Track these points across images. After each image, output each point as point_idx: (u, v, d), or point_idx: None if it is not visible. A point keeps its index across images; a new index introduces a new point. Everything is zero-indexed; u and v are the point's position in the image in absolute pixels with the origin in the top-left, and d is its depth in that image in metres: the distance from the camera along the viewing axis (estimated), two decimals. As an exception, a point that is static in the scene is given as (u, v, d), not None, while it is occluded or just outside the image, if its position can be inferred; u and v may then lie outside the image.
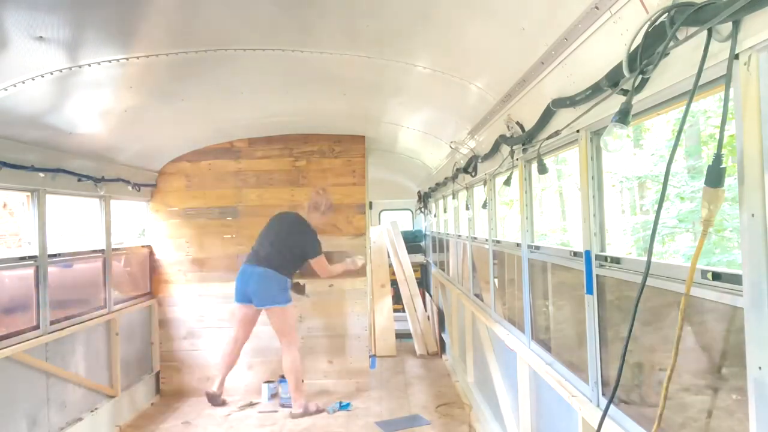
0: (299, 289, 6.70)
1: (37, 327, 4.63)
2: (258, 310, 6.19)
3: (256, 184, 7.00)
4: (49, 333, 4.71)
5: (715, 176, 1.64)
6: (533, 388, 4.04)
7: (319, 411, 6.15)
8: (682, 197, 15.67)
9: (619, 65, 2.11)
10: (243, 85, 4.55)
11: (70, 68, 3.42)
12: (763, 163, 1.52)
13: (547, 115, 3.18)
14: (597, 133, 2.77)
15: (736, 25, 1.56)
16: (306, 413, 6.05)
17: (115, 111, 4.58)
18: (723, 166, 1.63)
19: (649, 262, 1.97)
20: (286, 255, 6.19)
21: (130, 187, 6.13)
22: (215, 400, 6.37)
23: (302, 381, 6.27)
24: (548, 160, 3.60)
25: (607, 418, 2.37)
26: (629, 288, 2.50)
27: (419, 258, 11.32)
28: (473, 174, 5.63)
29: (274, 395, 6.58)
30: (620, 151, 2.09)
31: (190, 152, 6.92)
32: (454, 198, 7.39)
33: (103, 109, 4.46)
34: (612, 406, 2.39)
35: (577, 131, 2.89)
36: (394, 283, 9.57)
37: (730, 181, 1.72)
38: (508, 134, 3.99)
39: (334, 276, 6.60)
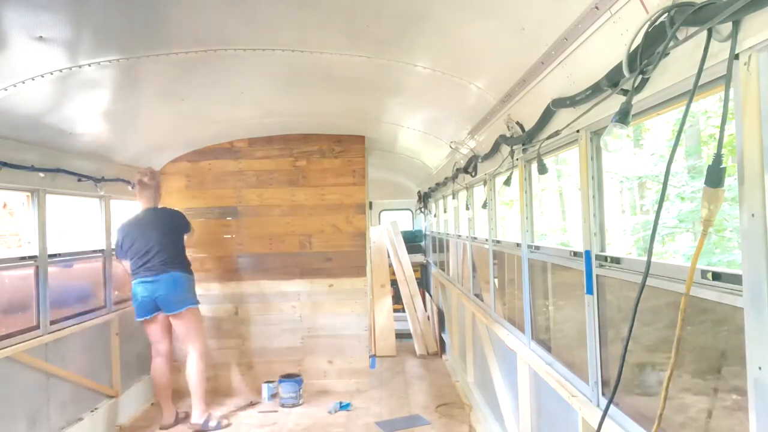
0: None
1: (37, 327, 4.63)
2: (167, 317, 5.77)
3: (256, 184, 7.00)
4: (49, 333, 4.71)
5: (715, 176, 1.64)
6: (533, 388, 4.04)
7: (220, 427, 5.75)
8: (682, 197, 15.67)
9: (619, 65, 2.11)
10: (243, 85, 4.55)
11: (70, 68, 3.42)
12: (763, 163, 1.52)
13: (547, 115, 3.18)
14: (597, 133, 2.77)
15: (736, 25, 1.56)
16: (206, 427, 5.69)
17: (115, 111, 4.59)
18: (723, 166, 1.63)
19: (649, 262, 1.97)
20: (177, 247, 5.82)
21: (130, 187, 6.13)
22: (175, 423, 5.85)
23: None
24: (548, 160, 3.60)
25: (607, 418, 2.37)
26: (629, 288, 2.50)
27: (419, 258, 11.32)
28: (473, 174, 5.63)
29: (274, 395, 6.58)
30: (620, 151, 2.09)
31: (190, 152, 6.91)
32: (454, 198, 7.38)
33: (103, 109, 4.46)
34: (612, 406, 2.39)
35: (577, 131, 2.89)
36: (394, 283, 9.57)
37: (730, 181, 1.71)
38: (508, 134, 3.99)
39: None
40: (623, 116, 2.00)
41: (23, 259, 4.57)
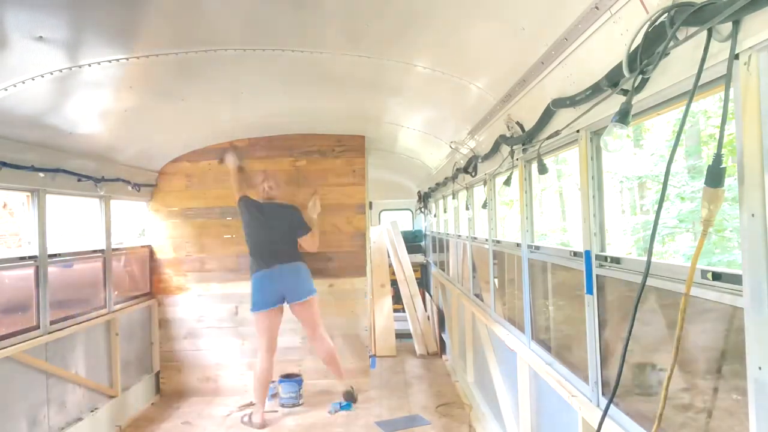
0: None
1: (37, 327, 4.63)
2: (280, 311, 6.15)
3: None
4: (49, 333, 4.71)
5: (715, 176, 1.64)
6: (533, 388, 4.04)
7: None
8: (682, 197, 15.68)
9: (619, 65, 2.11)
10: (243, 85, 4.55)
11: (70, 68, 3.42)
12: (763, 163, 1.52)
13: (547, 115, 3.18)
14: (597, 133, 2.78)
15: (736, 25, 1.56)
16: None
17: (115, 111, 4.59)
18: (723, 166, 1.63)
19: (649, 262, 1.97)
20: (292, 241, 6.25)
21: (130, 187, 6.13)
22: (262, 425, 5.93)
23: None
24: (548, 160, 3.60)
25: (607, 418, 2.37)
26: (629, 288, 2.50)
27: (419, 258, 11.32)
28: (473, 174, 5.63)
29: (274, 395, 6.57)
30: (620, 151, 2.09)
31: (190, 152, 6.91)
32: (454, 198, 7.39)
33: (103, 109, 4.46)
34: (612, 406, 2.39)
35: (577, 131, 2.90)
36: (394, 283, 9.56)
37: (730, 181, 1.72)
38: (508, 134, 3.99)
39: (317, 243, 6.48)
40: (623, 116, 2.00)
41: (23, 259, 4.57)
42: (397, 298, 9.60)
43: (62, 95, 3.89)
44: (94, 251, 5.77)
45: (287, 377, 6.55)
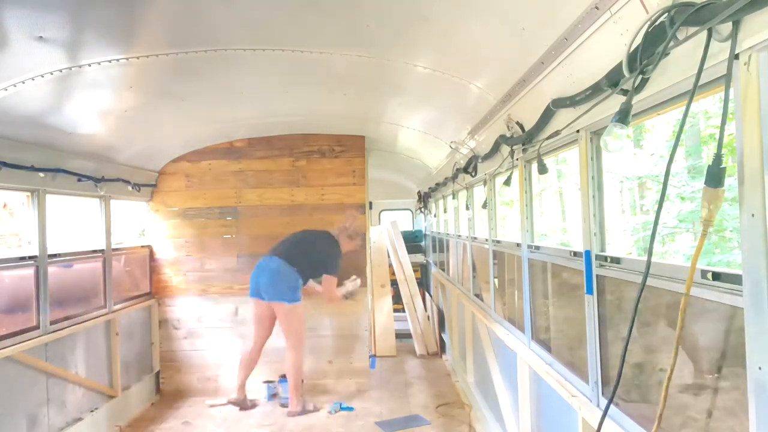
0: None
1: (37, 327, 4.63)
2: (270, 307, 6.13)
3: (256, 184, 7.00)
4: (49, 333, 4.71)
5: (715, 176, 1.64)
6: (533, 388, 4.04)
7: (316, 409, 6.25)
8: (682, 197, 15.68)
9: (619, 65, 2.11)
10: (243, 85, 4.55)
11: (70, 68, 3.42)
12: (763, 163, 1.52)
13: (547, 115, 3.18)
14: (597, 133, 2.77)
15: (736, 25, 1.56)
16: (304, 412, 6.14)
17: (115, 111, 4.59)
18: (723, 166, 1.63)
19: (649, 262, 1.97)
20: (308, 256, 6.21)
21: (130, 187, 6.13)
22: (243, 404, 6.34)
23: (302, 381, 6.31)
24: (548, 160, 3.60)
25: (607, 418, 2.37)
26: (629, 288, 2.50)
27: (419, 258, 11.32)
28: (473, 174, 5.63)
29: (274, 395, 6.58)
30: (620, 151, 2.09)
31: (190, 152, 6.92)
32: (454, 198, 7.38)
33: (103, 109, 4.46)
34: (612, 406, 2.39)
35: (577, 131, 2.90)
36: (394, 283, 9.56)
37: (730, 181, 1.71)
38: (508, 134, 3.99)
39: (334, 300, 6.54)
40: (623, 116, 2.00)
41: (23, 259, 4.57)
42: (397, 298, 9.60)
43: (62, 95, 3.89)
44: (94, 251, 5.77)
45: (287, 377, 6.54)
